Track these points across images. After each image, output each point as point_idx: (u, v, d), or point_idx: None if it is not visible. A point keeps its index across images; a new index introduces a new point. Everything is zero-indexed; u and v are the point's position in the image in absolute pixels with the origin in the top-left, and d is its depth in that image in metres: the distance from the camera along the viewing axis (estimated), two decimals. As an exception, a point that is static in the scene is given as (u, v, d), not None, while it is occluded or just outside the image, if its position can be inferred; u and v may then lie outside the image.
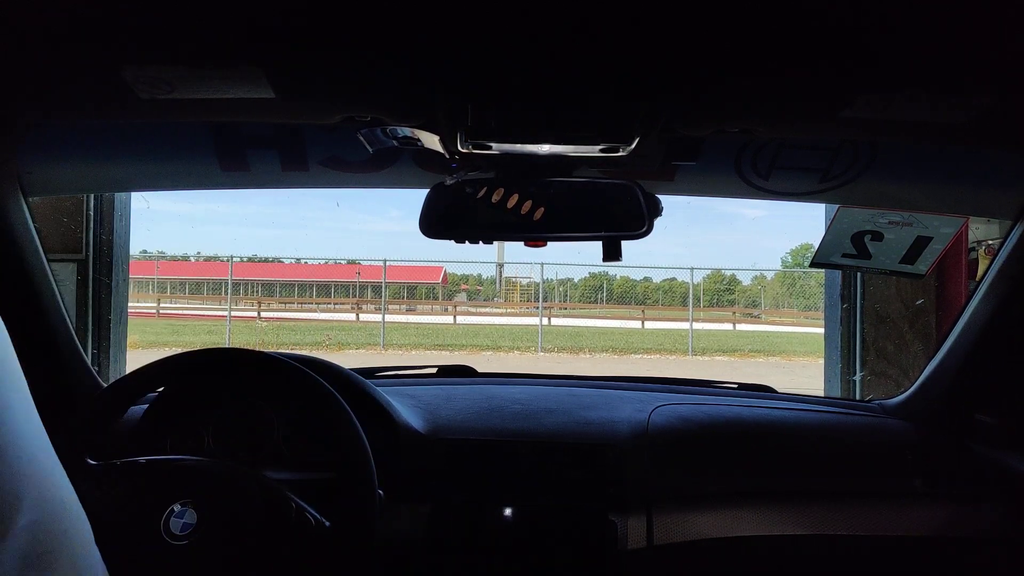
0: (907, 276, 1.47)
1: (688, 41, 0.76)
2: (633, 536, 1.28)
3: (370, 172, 1.50)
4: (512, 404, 1.52)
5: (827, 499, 1.35)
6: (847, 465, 1.40)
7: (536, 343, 14.55)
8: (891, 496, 1.36)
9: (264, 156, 1.45)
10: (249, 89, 0.87)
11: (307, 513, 1.02)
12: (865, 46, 0.78)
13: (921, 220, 1.41)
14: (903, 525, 1.32)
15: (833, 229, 1.47)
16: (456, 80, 0.85)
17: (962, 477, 1.38)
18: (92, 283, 2.77)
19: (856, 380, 3.22)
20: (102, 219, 2.82)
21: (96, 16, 0.74)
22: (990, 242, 3.33)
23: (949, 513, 1.33)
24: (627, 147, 1.04)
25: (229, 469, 1.04)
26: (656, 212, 1.13)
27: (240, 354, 1.20)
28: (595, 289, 29.74)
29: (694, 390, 1.74)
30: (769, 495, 1.35)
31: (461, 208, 1.15)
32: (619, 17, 0.72)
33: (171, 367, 1.17)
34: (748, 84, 0.85)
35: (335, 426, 1.08)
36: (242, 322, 16.77)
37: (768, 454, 1.41)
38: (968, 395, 1.45)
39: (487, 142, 1.03)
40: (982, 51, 0.79)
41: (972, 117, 0.91)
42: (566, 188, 1.15)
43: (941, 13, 0.71)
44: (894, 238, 1.43)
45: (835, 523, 1.32)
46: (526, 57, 0.80)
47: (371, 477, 1.06)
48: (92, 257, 2.78)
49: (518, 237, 1.19)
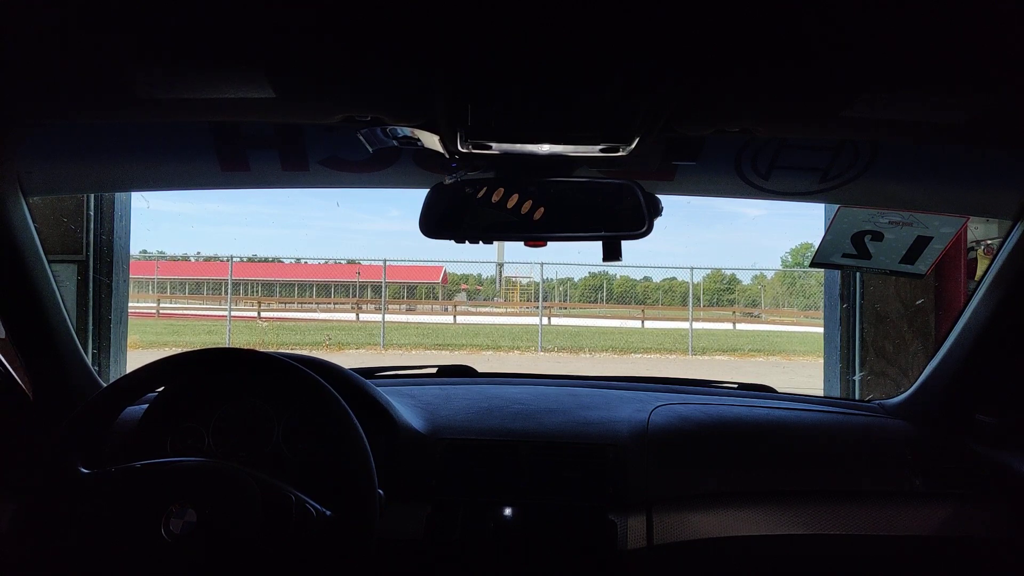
0: (907, 276, 1.47)
1: (688, 41, 0.76)
2: (633, 536, 1.28)
3: (370, 172, 1.50)
4: (512, 404, 1.52)
5: (827, 499, 1.35)
6: (847, 465, 1.40)
7: (536, 343, 14.55)
8: (891, 496, 1.36)
9: (264, 156, 1.45)
10: (249, 89, 0.87)
11: (308, 505, 1.02)
12: (865, 46, 0.78)
13: (921, 220, 1.41)
14: (903, 525, 1.32)
15: (833, 229, 1.47)
16: (456, 80, 0.85)
17: (962, 477, 1.38)
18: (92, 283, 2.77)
19: (856, 380, 3.23)
20: (102, 219, 2.82)
21: (96, 17, 0.74)
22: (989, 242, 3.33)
23: (949, 513, 1.33)
24: (627, 147, 1.04)
25: (229, 469, 1.04)
26: (656, 212, 1.13)
27: (240, 354, 1.20)
28: (595, 289, 29.75)
29: (694, 390, 1.74)
30: (769, 495, 1.35)
31: (461, 208, 1.15)
32: (619, 17, 0.72)
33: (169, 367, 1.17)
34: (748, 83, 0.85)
35: (335, 426, 1.09)
36: (242, 322, 16.78)
37: (768, 454, 1.41)
38: (968, 395, 1.45)
39: (487, 142, 1.03)
40: (982, 51, 0.79)
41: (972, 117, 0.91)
42: (566, 188, 1.15)
43: (941, 13, 0.71)
44: (894, 238, 1.43)
45: (835, 523, 1.32)
46: (526, 57, 0.80)
47: (371, 475, 1.06)
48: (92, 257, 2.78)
49: (518, 237, 1.19)
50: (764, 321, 22.90)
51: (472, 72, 0.84)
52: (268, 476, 1.05)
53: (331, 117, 1.01)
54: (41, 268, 1.30)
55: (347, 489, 1.04)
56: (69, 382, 1.44)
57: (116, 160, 1.46)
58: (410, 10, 0.73)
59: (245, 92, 0.88)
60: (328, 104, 0.96)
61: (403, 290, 26.37)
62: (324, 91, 0.91)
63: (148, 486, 1.00)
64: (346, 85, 0.89)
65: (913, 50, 0.78)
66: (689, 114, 0.95)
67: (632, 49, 0.77)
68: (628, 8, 0.70)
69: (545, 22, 0.73)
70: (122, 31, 0.76)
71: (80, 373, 1.47)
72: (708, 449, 1.41)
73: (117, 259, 2.89)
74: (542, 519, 1.30)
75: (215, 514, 0.97)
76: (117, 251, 2.89)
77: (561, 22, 0.74)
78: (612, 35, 0.75)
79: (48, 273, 1.32)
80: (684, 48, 0.77)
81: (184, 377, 1.28)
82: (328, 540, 1.01)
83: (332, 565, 0.99)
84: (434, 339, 15.24)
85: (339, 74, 0.86)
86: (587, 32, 0.76)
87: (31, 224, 1.26)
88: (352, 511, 1.03)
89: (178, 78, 0.84)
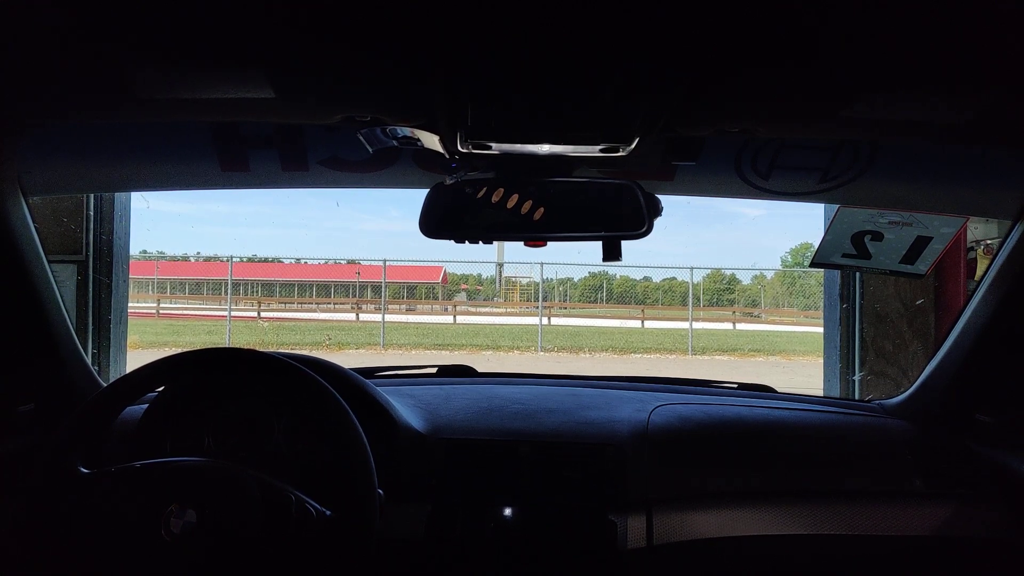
0: (907, 276, 1.47)
1: (688, 41, 0.76)
2: (633, 536, 1.28)
3: (370, 172, 1.50)
4: (512, 404, 1.52)
5: (827, 499, 1.35)
6: (847, 465, 1.40)
7: (536, 343, 14.55)
8: (891, 496, 1.36)
9: (264, 156, 1.45)
10: (249, 89, 0.87)
11: (307, 505, 1.02)
12: (865, 46, 0.78)
13: (921, 220, 1.41)
14: (903, 525, 1.32)
15: (833, 229, 1.47)
16: (456, 80, 0.85)
17: (962, 477, 1.38)
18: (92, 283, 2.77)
19: (856, 380, 3.23)
20: (102, 219, 2.82)
21: (97, 17, 0.74)
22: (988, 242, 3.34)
23: (949, 513, 1.33)
24: (627, 147, 1.04)
25: (229, 469, 1.04)
26: (656, 212, 1.13)
27: (240, 354, 1.20)
28: (595, 289, 29.75)
29: (694, 390, 1.74)
30: (769, 495, 1.35)
31: (461, 208, 1.15)
32: (619, 17, 0.72)
33: (169, 367, 1.17)
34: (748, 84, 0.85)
35: (335, 426, 1.08)
36: (242, 322, 16.78)
37: (768, 454, 1.41)
38: (968, 395, 1.45)
39: (487, 142, 1.03)
40: (982, 51, 0.79)
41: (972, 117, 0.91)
42: (566, 188, 1.15)
43: (941, 13, 0.71)
44: (894, 238, 1.44)
45: (835, 523, 1.32)
46: (526, 57, 0.80)
47: (371, 475, 1.06)
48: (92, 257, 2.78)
49: (518, 237, 1.19)
50: (764, 321, 22.90)
51: (472, 72, 0.84)
52: (268, 476, 1.05)
53: (331, 117, 1.01)
54: (41, 268, 1.30)
55: (347, 489, 1.04)
56: (69, 382, 1.44)
57: (116, 160, 1.45)
58: (410, 10, 0.73)
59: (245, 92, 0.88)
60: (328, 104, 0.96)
61: (403, 290, 26.37)
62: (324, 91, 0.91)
63: (148, 486, 1.00)
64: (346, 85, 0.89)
65: (913, 50, 0.78)
66: (689, 114, 0.95)
67: (632, 49, 0.77)
68: (628, 8, 0.70)
69: (545, 22, 0.73)
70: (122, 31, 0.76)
71: (80, 373, 1.47)
72: (708, 449, 1.41)
73: (117, 259, 2.89)
74: (542, 519, 1.30)
75: (215, 514, 0.97)
76: (117, 251, 2.89)
77: (561, 22, 0.74)
78: (612, 35, 0.75)
79: (48, 273, 1.32)
80: (684, 48, 0.77)
81: (184, 377, 1.28)
82: (328, 540, 1.01)
83: (332, 565, 0.99)
84: (434, 339, 15.24)
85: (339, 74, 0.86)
86: (587, 32, 0.76)
87: (31, 224, 1.26)
88: (352, 511, 1.03)
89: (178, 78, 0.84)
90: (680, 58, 0.79)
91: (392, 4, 0.72)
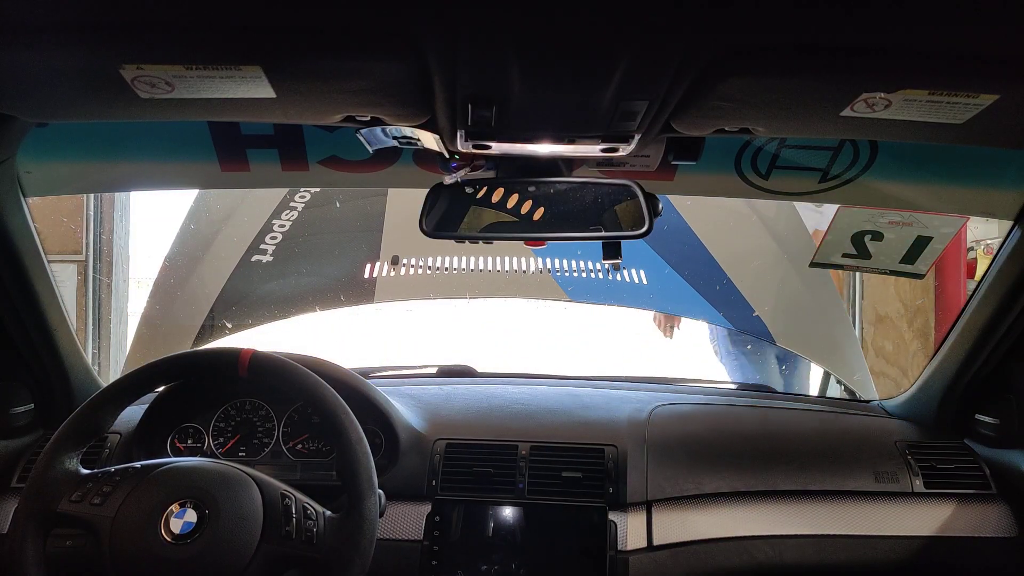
0: (907, 276, 1.47)
1: (688, 41, 0.76)
2: (633, 536, 1.28)
3: (370, 172, 1.50)
4: (512, 404, 1.52)
5: (827, 499, 1.35)
6: (847, 465, 1.40)
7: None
8: (891, 496, 1.36)
9: (264, 156, 1.45)
10: (249, 89, 0.87)
11: (307, 505, 1.02)
12: (866, 46, 0.78)
13: (921, 220, 1.41)
14: (903, 525, 1.32)
15: (833, 229, 1.47)
16: (456, 80, 0.85)
17: (962, 477, 1.38)
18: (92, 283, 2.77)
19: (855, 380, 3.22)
20: (102, 219, 2.82)
21: (96, 16, 0.74)
22: (988, 242, 3.34)
23: (949, 513, 1.33)
24: (627, 147, 1.03)
25: (229, 469, 1.04)
26: (656, 212, 1.13)
27: (239, 354, 1.19)
28: (595, 289, 29.70)
29: (694, 390, 1.74)
30: (768, 495, 1.35)
31: (461, 208, 1.15)
32: (618, 17, 0.72)
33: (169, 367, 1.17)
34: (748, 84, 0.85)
35: (334, 426, 1.08)
36: (242, 322, 16.72)
37: (768, 454, 1.41)
38: (968, 395, 1.45)
39: (487, 142, 1.02)
40: (982, 51, 0.79)
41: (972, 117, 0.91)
42: (566, 188, 1.15)
43: (942, 13, 0.71)
44: (894, 238, 1.44)
45: (835, 523, 1.32)
46: (525, 56, 0.80)
47: (371, 475, 1.06)
48: (92, 257, 2.78)
49: (518, 237, 1.19)
50: (764, 321, 22.86)
51: (472, 71, 0.84)
52: (268, 476, 1.05)
53: (331, 117, 1.00)
54: (41, 268, 1.30)
55: (347, 489, 1.04)
56: (69, 382, 1.44)
57: (116, 160, 1.45)
58: (410, 10, 0.72)
59: (245, 92, 0.88)
60: (328, 104, 0.95)
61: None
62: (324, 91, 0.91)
63: (148, 486, 1.00)
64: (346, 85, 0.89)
65: (913, 50, 0.78)
66: (689, 114, 0.95)
67: (632, 48, 0.77)
68: (628, 8, 0.70)
69: (545, 22, 0.73)
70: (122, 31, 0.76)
71: (80, 373, 1.47)
72: (708, 449, 1.41)
73: (117, 259, 2.89)
74: (542, 519, 1.30)
75: (215, 514, 0.97)
76: (117, 251, 2.89)
77: (561, 22, 0.73)
78: (612, 34, 0.75)
79: (48, 273, 1.32)
80: (684, 48, 0.77)
81: (184, 377, 1.28)
82: (328, 540, 1.01)
83: (332, 565, 0.99)
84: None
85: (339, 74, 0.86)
86: (587, 31, 0.75)
87: (31, 224, 1.26)
88: (352, 511, 1.03)
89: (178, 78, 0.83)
90: (680, 58, 0.79)
91: (392, 4, 0.72)
